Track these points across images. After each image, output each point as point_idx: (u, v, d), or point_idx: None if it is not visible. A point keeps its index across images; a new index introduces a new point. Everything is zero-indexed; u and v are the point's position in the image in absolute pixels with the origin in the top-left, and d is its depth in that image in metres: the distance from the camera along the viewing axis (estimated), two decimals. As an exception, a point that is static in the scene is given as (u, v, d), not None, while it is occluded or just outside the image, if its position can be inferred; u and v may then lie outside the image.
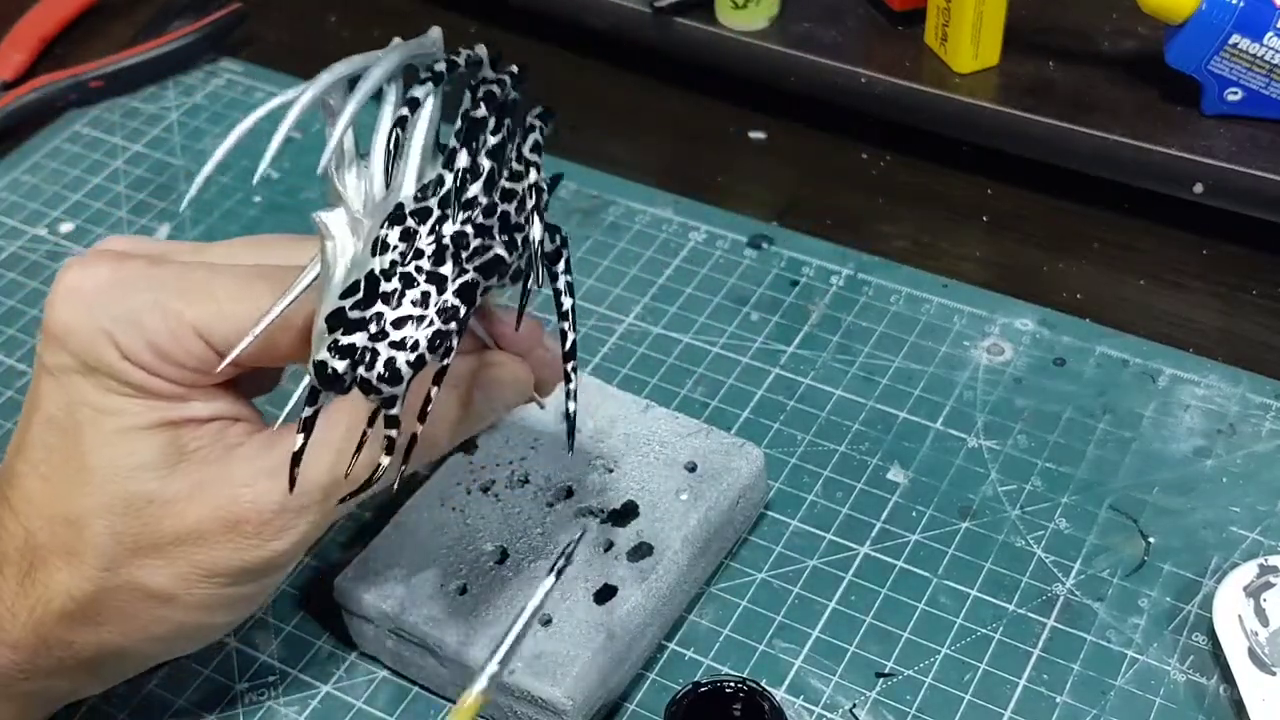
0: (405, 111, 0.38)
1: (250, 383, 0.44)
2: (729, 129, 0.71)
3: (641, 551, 0.47)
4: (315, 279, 0.38)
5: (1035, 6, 0.67)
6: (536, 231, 0.39)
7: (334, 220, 0.37)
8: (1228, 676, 0.45)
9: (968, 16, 0.63)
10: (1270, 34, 0.58)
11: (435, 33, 0.41)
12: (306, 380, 0.37)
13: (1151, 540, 0.51)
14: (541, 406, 0.48)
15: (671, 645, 0.49)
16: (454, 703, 0.47)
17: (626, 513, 0.49)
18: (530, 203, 0.39)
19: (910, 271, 0.61)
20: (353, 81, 0.38)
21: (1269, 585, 0.47)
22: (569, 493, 0.50)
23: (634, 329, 0.60)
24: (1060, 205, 0.65)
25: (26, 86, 0.73)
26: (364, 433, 0.38)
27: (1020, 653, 0.48)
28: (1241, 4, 0.58)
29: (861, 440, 0.55)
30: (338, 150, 0.38)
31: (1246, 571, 0.47)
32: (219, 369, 0.39)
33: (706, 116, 0.71)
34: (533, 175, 0.40)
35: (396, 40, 0.40)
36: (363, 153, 0.39)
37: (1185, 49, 0.59)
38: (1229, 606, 0.46)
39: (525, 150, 0.40)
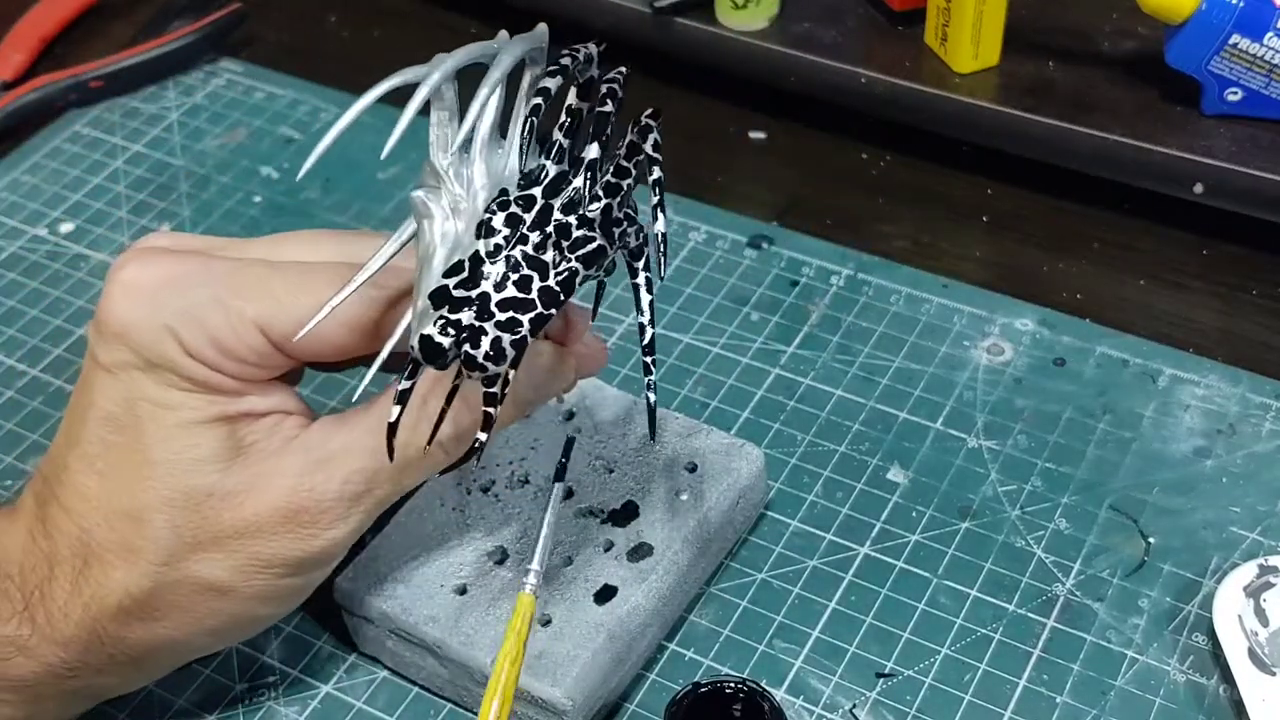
0: (539, 101, 0.39)
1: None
2: (729, 129, 0.71)
3: (641, 551, 0.47)
4: (391, 258, 0.39)
5: (1035, 6, 0.67)
6: (660, 225, 0.41)
7: (433, 201, 0.38)
8: (1228, 676, 0.45)
9: (968, 16, 0.63)
10: (1270, 34, 0.58)
11: (542, 29, 0.42)
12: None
13: (1151, 540, 0.51)
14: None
15: (671, 645, 0.49)
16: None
17: (626, 513, 0.49)
18: (654, 199, 0.41)
19: (910, 271, 0.61)
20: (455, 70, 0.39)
21: (1269, 585, 0.47)
22: (569, 493, 0.49)
23: (634, 329, 0.60)
24: (1060, 205, 0.65)
25: (26, 86, 0.73)
26: (444, 407, 0.39)
27: (1020, 653, 0.48)
28: (1241, 4, 0.58)
29: (861, 440, 0.55)
30: (440, 133, 0.39)
31: (1246, 571, 0.47)
32: (297, 338, 0.39)
33: (706, 116, 0.71)
34: (656, 172, 0.41)
35: (504, 33, 0.41)
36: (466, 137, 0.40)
37: (1185, 49, 0.59)
38: (1229, 606, 0.46)
39: (648, 148, 0.41)
